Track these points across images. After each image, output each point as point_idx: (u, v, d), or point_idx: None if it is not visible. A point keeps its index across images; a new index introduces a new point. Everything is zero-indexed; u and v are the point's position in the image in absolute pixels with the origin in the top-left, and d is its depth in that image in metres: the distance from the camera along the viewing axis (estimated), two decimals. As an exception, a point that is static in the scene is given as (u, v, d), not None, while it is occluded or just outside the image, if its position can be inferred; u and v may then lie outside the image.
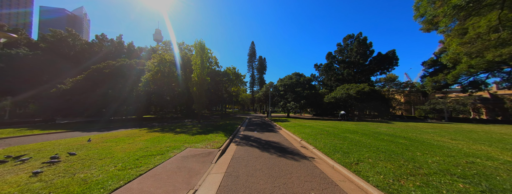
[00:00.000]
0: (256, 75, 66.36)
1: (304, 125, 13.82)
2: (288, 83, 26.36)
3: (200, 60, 17.11)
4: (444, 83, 30.54)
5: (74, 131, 12.70)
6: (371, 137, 8.48)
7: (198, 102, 16.90)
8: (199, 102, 16.93)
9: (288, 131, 11.46)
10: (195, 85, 16.89)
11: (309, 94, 23.78)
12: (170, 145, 6.89)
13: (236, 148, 7.15)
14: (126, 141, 7.90)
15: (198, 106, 17.07)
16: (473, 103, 36.08)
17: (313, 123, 16.40)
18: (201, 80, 17.08)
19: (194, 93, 16.93)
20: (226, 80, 28.24)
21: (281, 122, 17.83)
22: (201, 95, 16.91)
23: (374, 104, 25.63)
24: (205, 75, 17.56)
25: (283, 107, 25.51)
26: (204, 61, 17.40)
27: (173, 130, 11.70)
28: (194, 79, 16.88)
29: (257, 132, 11.65)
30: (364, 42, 40.17)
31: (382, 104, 25.72)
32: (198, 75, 16.91)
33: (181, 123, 18.74)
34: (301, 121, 19.37)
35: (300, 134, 9.73)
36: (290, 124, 15.95)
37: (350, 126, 14.25)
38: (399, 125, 16.74)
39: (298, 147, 7.46)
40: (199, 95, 16.85)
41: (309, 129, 11.57)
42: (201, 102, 16.98)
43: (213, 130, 11.70)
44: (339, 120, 21.83)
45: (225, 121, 19.87)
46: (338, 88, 29.76)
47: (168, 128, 13.23)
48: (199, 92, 16.84)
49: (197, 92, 16.85)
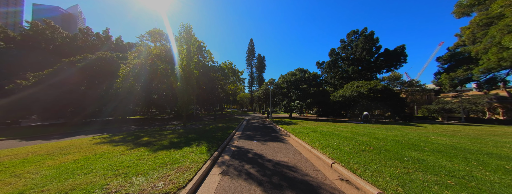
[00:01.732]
0: (255, 73, 62.75)
1: (320, 131, 10.28)
2: (291, 79, 22.85)
3: (185, 49, 13.51)
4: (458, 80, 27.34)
5: (6, 140, 9.09)
6: (461, 158, 4.99)
7: (183, 100, 13.28)
8: (183, 101, 13.30)
9: (301, 141, 7.92)
10: (179, 79, 13.30)
11: (316, 92, 20.31)
12: (80, 184, 3.33)
13: (219, 183, 3.64)
14: (18, 168, 4.33)
15: (183, 105, 13.44)
16: (489, 102, 32.97)
17: (329, 127, 12.88)
18: (188, 74, 13.48)
19: (177, 90, 13.33)
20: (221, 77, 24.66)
21: (286, 125, 14.31)
22: (187, 92, 13.31)
23: (389, 103, 22.24)
24: (193, 67, 13.99)
25: (286, 107, 22.00)
26: (191, 50, 13.81)
27: (137, 140, 8.09)
28: (178, 71, 13.29)
29: (257, 142, 8.10)
30: (371, 37, 36.85)
31: (396, 103, 22.35)
32: (184, 67, 13.31)
33: (164, 126, 15.13)
34: (311, 124, 15.85)
35: (325, 148, 6.20)
36: (299, 127, 12.42)
37: (383, 131, 10.70)
38: (442, 130, 13.27)
39: (334, 178, 3.95)
40: (184, 91, 13.25)
41: (332, 138, 8.02)
42: (187, 101, 13.36)
43: (195, 138, 8.14)
44: (359, 123, 18.29)
45: (218, 123, 16.29)
46: (346, 86, 26.35)
47: (136, 135, 9.61)
48: (184, 88, 13.25)
49: (181, 88, 13.25)
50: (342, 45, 42.86)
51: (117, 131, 12.80)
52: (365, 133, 9.43)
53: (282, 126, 13.87)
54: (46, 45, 31.31)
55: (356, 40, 41.00)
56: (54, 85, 17.03)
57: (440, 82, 27.26)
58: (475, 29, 24.86)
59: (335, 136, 8.31)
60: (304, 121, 19.77)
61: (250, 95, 60.65)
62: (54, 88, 16.79)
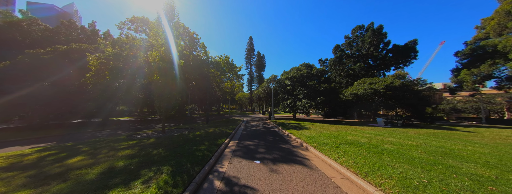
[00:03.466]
0: (254, 72, 59.40)
1: (355, 143, 6.91)
2: (296, 75, 19.55)
3: (164, 32, 10.13)
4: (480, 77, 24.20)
5: None
6: None
7: (161, 98, 9.87)
8: (163, 99, 9.89)
9: (340, 166, 4.55)
10: (157, 71, 9.92)
11: (327, 89, 17.02)
12: None
13: None
14: None
15: (161, 105, 9.99)
16: (509, 101, 29.96)
17: (357, 134, 9.57)
18: (168, 64, 10.13)
19: (154, 85, 9.95)
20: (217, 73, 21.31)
21: (295, 130, 10.99)
22: (167, 88, 9.93)
23: (407, 102, 19.02)
24: (178, 57, 10.64)
25: (291, 107, 18.67)
26: (173, 33, 10.44)
27: (54, 165, 4.74)
28: (154, 60, 9.90)
29: (262, 165, 4.75)
30: (379, 32, 33.71)
31: (416, 102, 19.13)
32: (162, 54, 9.94)
33: (138, 132, 11.76)
34: (326, 128, 12.53)
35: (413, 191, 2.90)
36: (316, 134, 9.10)
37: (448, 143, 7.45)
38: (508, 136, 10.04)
39: None
40: (164, 86, 9.87)
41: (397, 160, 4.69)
42: (167, 99, 9.95)
43: (159, 159, 4.81)
44: (384, 126, 14.95)
45: (209, 127, 12.90)
46: (356, 83, 23.09)
47: (73, 150, 6.21)
48: (164, 82, 9.87)
49: (159, 82, 9.88)
50: (347, 42, 39.74)
51: (74, 139, 9.42)
52: (437, 149, 6.10)
53: (291, 131, 10.55)
54: (23, 38, 27.74)
55: (361, 35, 37.91)
56: (10, 80, 13.62)
57: (460, 79, 24.10)
58: (502, 19, 21.77)
59: (396, 156, 4.95)
60: (313, 123, 16.50)
61: (249, 94, 57.32)
62: (11, 84, 13.38)
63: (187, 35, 21.63)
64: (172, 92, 10.12)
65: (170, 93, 9.96)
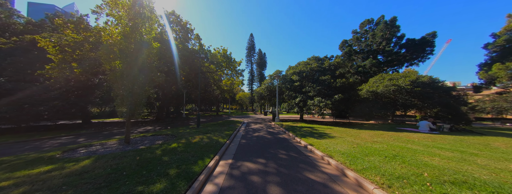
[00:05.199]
0: (255, 71, 56.22)
1: (429, 165, 3.77)
2: (305, 70, 16.33)
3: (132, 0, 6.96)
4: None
5: None
6: None
7: (122, 93, 6.71)
8: (123, 94, 6.72)
9: None
10: (118, 55, 6.76)
11: (345, 85, 13.81)
12: None
13: None
14: None
15: (123, 103, 6.78)
16: (539, 100, 26.42)
17: (443, 153, 6.38)
18: (136, 45, 6.96)
19: (111, 75, 6.77)
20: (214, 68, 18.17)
21: (315, 139, 7.78)
22: (131, 79, 6.78)
23: (438, 102, 15.71)
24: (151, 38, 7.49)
25: (300, 106, 15.43)
26: (142, 3, 7.27)
27: None
28: (112, 40, 6.75)
29: None
30: (392, 24, 30.35)
31: (449, 102, 15.81)
32: (127, 32, 6.78)
33: (109, 137, 8.61)
34: (354, 135, 9.28)
35: None
36: (352, 150, 5.89)
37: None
38: None
39: None
40: (126, 76, 6.71)
41: None
42: (129, 94, 6.78)
43: None
44: (427, 131, 11.42)
45: (196, 134, 9.68)
46: (373, 80, 19.69)
47: None
48: (127, 69, 6.71)
49: (118, 72, 6.71)
50: (354, 37, 36.46)
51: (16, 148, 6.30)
52: None
53: (309, 140, 7.32)
54: (1, 32, 24.81)
55: (371, 30, 34.62)
56: None
57: (491, 75, 20.71)
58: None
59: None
60: (330, 127, 13.26)
61: (250, 94, 54.16)
62: None
63: (178, 25, 18.44)
64: (140, 85, 6.94)
65: (132, 86, 6.76)
